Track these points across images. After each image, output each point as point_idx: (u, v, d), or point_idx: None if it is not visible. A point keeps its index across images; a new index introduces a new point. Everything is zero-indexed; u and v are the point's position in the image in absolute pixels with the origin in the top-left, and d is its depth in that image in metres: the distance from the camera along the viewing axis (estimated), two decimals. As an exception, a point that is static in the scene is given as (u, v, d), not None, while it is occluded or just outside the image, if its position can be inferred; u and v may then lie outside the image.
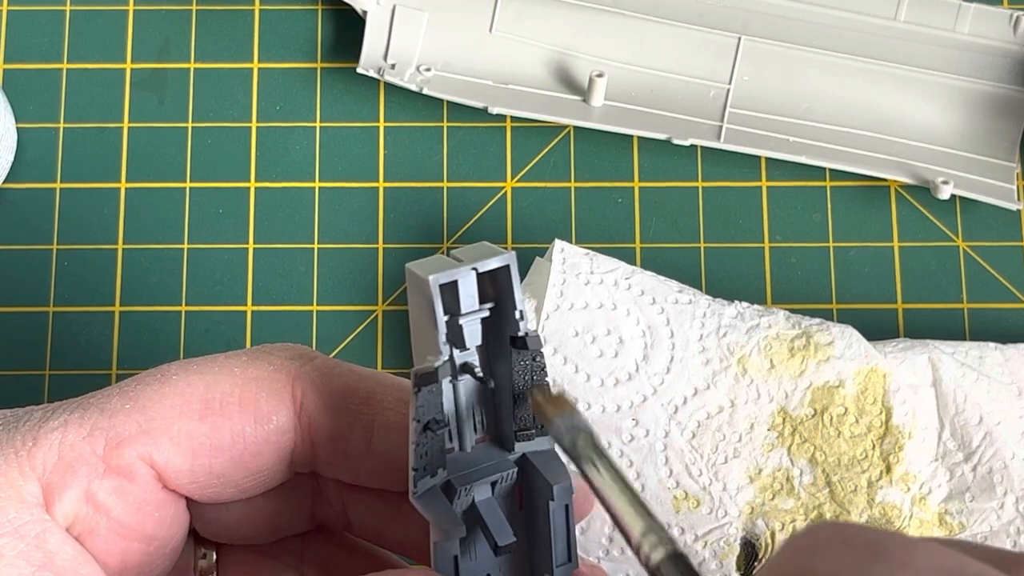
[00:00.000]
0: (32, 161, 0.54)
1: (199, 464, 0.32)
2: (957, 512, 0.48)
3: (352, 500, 0.35)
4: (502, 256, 0.31)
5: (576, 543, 0.32)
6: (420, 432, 0.31)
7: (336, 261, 0.53)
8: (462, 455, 0.32)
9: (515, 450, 0.32)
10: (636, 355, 0.48)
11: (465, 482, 0.32)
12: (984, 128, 0.54)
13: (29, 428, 0.32)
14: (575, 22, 0.54)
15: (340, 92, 0.55)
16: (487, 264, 0.31)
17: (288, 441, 0.33)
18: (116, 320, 0.52)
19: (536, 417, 0.32)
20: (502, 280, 0.31)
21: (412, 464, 0.31)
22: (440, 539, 0.31)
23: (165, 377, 0.33)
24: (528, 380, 0.32)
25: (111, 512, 0.32)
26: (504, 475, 0.32)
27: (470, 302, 0.31)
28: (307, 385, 0.33)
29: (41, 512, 0.31)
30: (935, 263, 0.53)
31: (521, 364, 0.32)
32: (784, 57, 0.54)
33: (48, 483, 0.31)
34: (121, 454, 0.32)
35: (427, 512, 0.31)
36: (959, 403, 0.49)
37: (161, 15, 0.56)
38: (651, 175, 0.54)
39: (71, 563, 0.31)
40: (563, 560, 0.32)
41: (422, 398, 0.30)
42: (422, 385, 0.30)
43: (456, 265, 0.31)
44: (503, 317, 0.32)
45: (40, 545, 0.31)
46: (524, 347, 0.31)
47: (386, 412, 0.33)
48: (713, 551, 0.47)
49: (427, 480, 0.31)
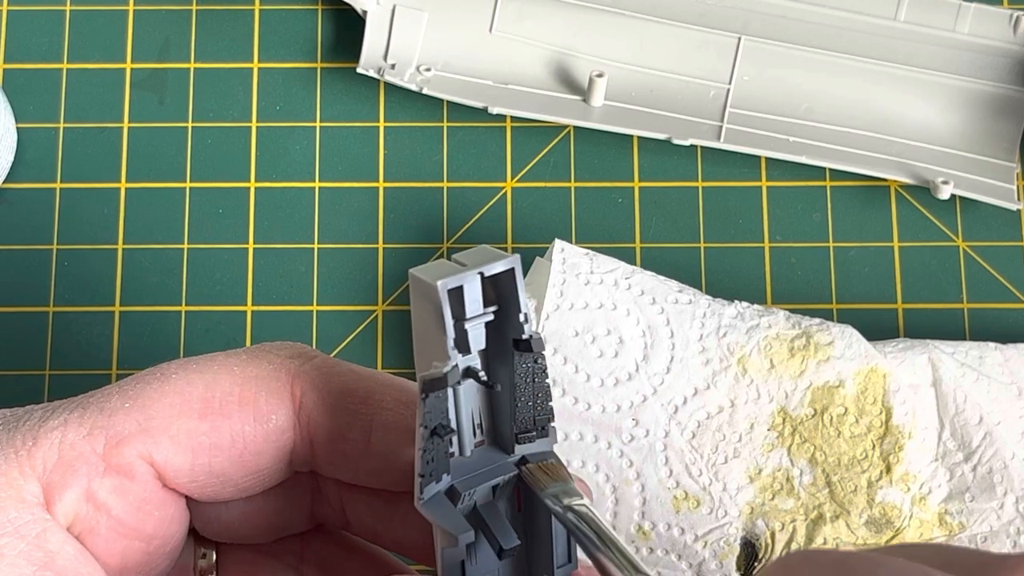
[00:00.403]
0: (32, 161, 0.54)
1: (199, 463, 0.32)
2: (957, 512, 0.48)
3: (351, 499, 0.35)
4: (507, 260, 0.31)
5: (575, 544, 0.32)
6: (428, 438, 0.30)
7: (336, 261, 0.53)
8: (462, 459, 0.32)
9: (515, 453, 0.32)
10: (636, 355, 0.48)
11: (468, 487, 0.32)
12: (984, 128, 0.54)
13: (29, 427, 0.32)
14: (575, 22, 0.54)
15: (340, 92, 0.55)
16: (493, 268, 0.31)
17: (287, 440, 0.33)
18: (116, 320, 0.52)
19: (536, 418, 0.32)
20: (506, 283, 0.31)
21: (419, 470, 0.31)
22: (448, 544, 0.31)
23: (164, 376, 0.33)
24: (530, 382, 0.32)
25: (111, 511, 0.32)
26: (505, 478, 0.32)
27: (475, 306, 0.31)
28: (306, 384, 0.33)
29: (41, 511, 0.31)
30: (935, 263, 0.53)
31: (523, 367, 0.32)
32: (784, 57, 0.54)
33: (48, 482, 0.31)
34: (121, 453, 0.32)
35: (435, 518, 0.31)
36: (959, 403, 0.49)
37: (161, 15, 0.56)
38: (651, 175, 0.54)
39: (72, 562, 0.31)
40: (563, 561, 0.32)
41: (430, 404, 0.30)
42: (430, 391, 0.30)
43: (461, 270, 0.31)
44: (506, 320, 0.32)
45: (41, 545, 0.31)
46: (528, 349, 0.31)
47: (385, 412, 0.33)
48: (713, 551, 0.47)
49: (432, 486, 0.31)
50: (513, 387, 0.32)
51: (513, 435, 0.32)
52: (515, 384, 0.32)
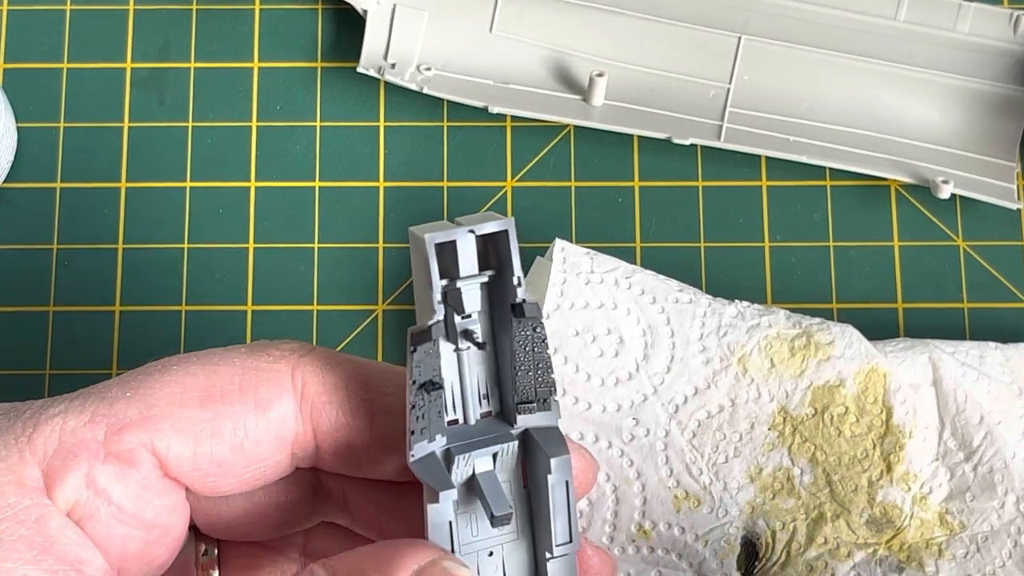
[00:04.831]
0: (32, 161, 0.54)
1: (200, 451, 0.32)
2: (958, 511, 0.48)
3: (354, 495, 0.35)
4: (501, 221, 0.31)
5: (577, 522, 0.32)
6: (416, 393, 0.30)
7: (336, 261, 0.53)
8: (466, 428, 0.32)
9: (517, 424, 0.32)
10: (636, 354, 0.48)
11: (464, 451, 0.31)
12: (984, 128, 0.54)
13: (30, 416, 0.32)
14: (575, 22, 0.54)
15: (340, 92, 0.55)
16: (485, 227, 0.31)
17: (289, 430, 0.33)
18: (116, 320, 0.52)
19: (537, 389, 0.32)
20: (502, 246, 0.31)
21: (409, 426, 0.30)
22: (430, 500, 0.30)
23: (166, 367, 0.33)
24: (529, 350, 0.31)
25: (112, 497, 0.32)
26: (505, 448, 0.32)
27: (469, 266, 0.31)
28: (307, 374, 0.33)
29: (41, 497, 0.31)
30: (935, 263, 0.53)
31: (521, 334, 0.31)
32: (784, 57, 0.54)
33: (49, 468, 0.31)
34: (122, 440, 0.32)
35: (421, 474, 0.31)
36: (960, 402, 0.49)
37: (161, 15, 0.56)
38: (651, 175, 0.54)
39: (71, 547, 0.31)
40: (564, 539, 0.32)
41: (418, 358, 0.30)
42: (417, 344, 0.30)
43: (456, 227, 0.31)
44: (504, 285, 0.32)
45: (40, 530, 0.31)
46: (522, 314, 0.31)
47: (386, 397, 0.33)
48: (713, 550, 0.47)
49: (424, 445, 0.31)
50: (512, 354, 0.32)
51: (515, 405, 0.32)
52: (514, 351, 0.31)
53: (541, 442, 0.32)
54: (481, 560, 0.32)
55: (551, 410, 0.32)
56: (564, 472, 0.31)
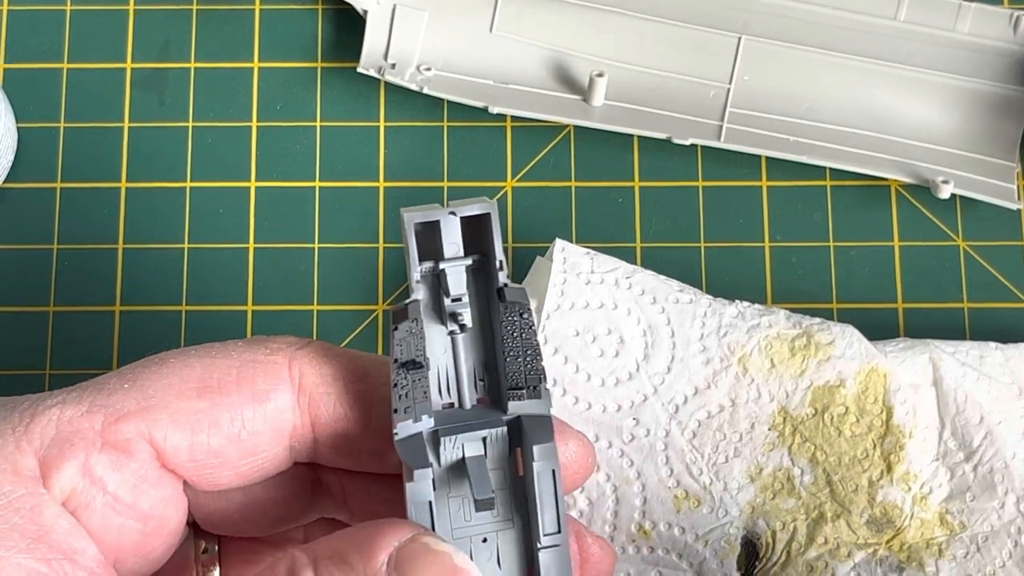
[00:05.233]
0: (32, 161, 0.54)
1: (197, 441, 0.32)
2: (958, 511, 0.48)
3: (353, 489, 0.35)
4: (483, 204, 0.31)
5: (565, 511, 0.31)
6: (397, 371, 0.30)
7: (336, 261, 0.53)
8: (460, 412, 0.32)
9: (509, 410, 0.32)
10: (637, 354, 0.48)
11: (451, 433, 0.31)
12: (984, 128, 0.54)
13: (27, 406, 0.32)
14: (575, 22, 0.54)
15: (340, 92, 0.55)
16: (467, 210, 0.31)
17: (286, 421, 0.33)
18: (116, 320, 0.52)
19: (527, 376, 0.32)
20: (484, 230, 0.31)
21: (392, 405, 0.31)
22: (408, 479, 0.30)
23: (163, 360, 0.33)
24: (516, 336, 0.31)
25: (108, 487, 0.32)
26: (494, 433, 0.31)
27: (453, 248, 0.31)
28: (305, 366, 0.33)
29: (37, 486, 0.31)
30: (935, 263, 0.53)
31: (508, 319, 0.31)
32: (784, 57, 0.54)
33: (45, 457, 0.31)
34: (119, 430, 0.32)
35: (402, 453, 0.30)
36: (960, 402, 0.49)
37: (161, 15, 0.56)
38: (651, 175, 0.54)
39: (66, 536, 0.31)
40: (551, 530, 0.31)
41: (399, 336, 0.31)
42: (397, 322, 0.31)
43: (440, 208, 0.31)
44: (489, 270, 0.32)
45: (34, 518, 0.31)
46: (503, 299, 0.31)
47: (383, 388, 0.33)
48: (714, 550, 0.47)
49: (408, 424, 0.31)
50: (500, 339, 0.31)
51: (506, 391, 0.32)
52: (501, 336, 0.31)
53: (528, 429, 0.31)
54: (475, 546, 0.32)
55: (542, 398, 0.31)
56: (549, 460, 0.31)
